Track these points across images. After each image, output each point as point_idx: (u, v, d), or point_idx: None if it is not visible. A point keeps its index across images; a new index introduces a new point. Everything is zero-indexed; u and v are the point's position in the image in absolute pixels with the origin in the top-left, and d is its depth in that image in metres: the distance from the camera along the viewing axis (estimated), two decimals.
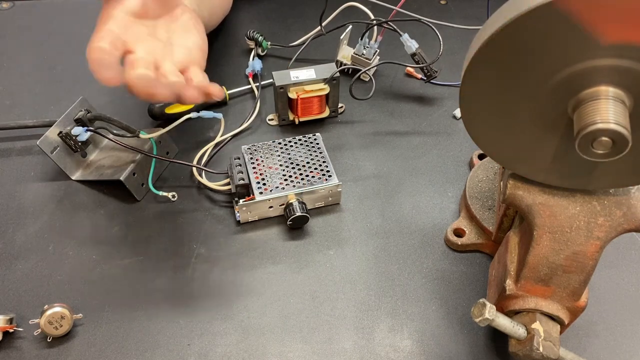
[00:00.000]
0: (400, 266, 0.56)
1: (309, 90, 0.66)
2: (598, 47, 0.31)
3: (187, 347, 0.49)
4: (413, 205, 0.61)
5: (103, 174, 0.61)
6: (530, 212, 0.41)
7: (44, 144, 0.58)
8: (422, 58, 0.70)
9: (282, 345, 0.49)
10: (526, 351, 0.41)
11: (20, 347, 0.49)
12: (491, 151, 0.41)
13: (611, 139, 0.32)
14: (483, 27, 0.34)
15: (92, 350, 0.48)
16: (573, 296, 0.42)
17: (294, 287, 0.54)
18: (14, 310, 0.50)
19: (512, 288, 0.43)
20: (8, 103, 0.73)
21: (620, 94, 0.33)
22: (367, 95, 0.68)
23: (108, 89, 0.74)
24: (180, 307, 0.52)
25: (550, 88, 0.34)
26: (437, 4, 0.93)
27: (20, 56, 0.80)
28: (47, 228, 0.58)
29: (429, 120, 0.72)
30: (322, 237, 0.58)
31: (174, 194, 0.61)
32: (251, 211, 0.58)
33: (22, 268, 0.54)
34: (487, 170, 0.61)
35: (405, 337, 0.50)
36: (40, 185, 0.62)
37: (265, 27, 0.85)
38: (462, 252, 0.57)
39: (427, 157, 0.67)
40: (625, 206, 0.39)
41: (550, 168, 0.39)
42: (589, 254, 0.40)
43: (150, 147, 0.60)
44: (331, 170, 0.60)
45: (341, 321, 0.51)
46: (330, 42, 0.76)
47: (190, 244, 0.57)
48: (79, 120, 0.61)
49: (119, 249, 0.56)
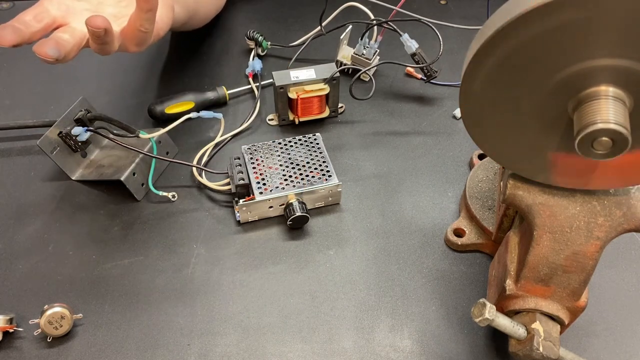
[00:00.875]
0: (400, 266, 0.56)
1: (309, 90, 0.66)
2: (598, 47, 0.31)
3: (187, 347, 0.49)
4: (413, 205, 0.61)
5: (103, 174, 0.61)
6: (530, 212, 0.41)
7: (44, 144, 0.58)
8: (422, 58, 0.70)
9: (282, 345, 0.49)
10: (526, 351, 0.41)
11: (20, 347, 0.49)
12: (491, 151, 0.41)
13: (611, 139, 0.32)
14: (483, 27, 0.34)
15: (92, 350, 0.48)
16: (573, 296, 0.42)
17: (294, 287, 0.54)
18: (14, 310, 0.50)
19: (512, 288, 0.43)
20: (8, 103, 0.73)
21: (620, 94, 0.33)
22: (367, 95, 0.68)
23: (108, 89, 0.75)
24: (180, 307, 0.52)
25: (550, 88, 0.34)
26: (437, 4, 0.93)
27: (20, 56, 0.80)
28: (47, 228, 0.58)
29: (429, 120, 0.72)
30: (322, 237, 0.58)
31: (174, 194, 0.61)
32: (251, 211, 0.58)
33: (22, 268, 0.54)
34: (487, 170, 0.61)
35: (405, 337, 0.50)
36: (40, 185, 0.62)
37: (265, 27, 0.85)
38: (462, 252, 0.57)
39: (427, 157, 0.67)
40: (625, 206, 0.39)
41: (550, 168, 0.39)
42: (589, 254, 0.40)
43: (150, 147, 0.60)
44: (331, 170, 0.60)
45: (341, 321, 0.51)
46: (330, 42, 0.76)
47: (190, 244, 0.57)
48: (79, 120, 0.61)
49: (119, 249, 0.56)
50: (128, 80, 0.77)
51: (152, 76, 0.77)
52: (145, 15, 0.48)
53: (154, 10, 0.48)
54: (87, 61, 0.79)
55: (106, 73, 0.78)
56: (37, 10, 0.50)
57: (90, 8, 0.53)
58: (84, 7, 0.53)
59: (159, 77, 0.77)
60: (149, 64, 0.80)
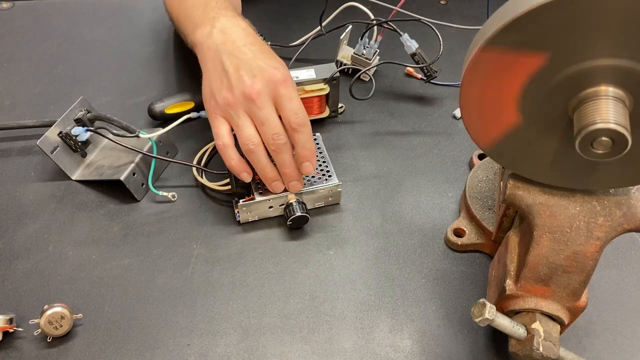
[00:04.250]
0: (400, 266, 0.56)
1: (309, 90, 0.66)
2: (598, 47, 0.31)
3: (187, 347, 0.49)
4: (413, 205, 0.61)
5: (103, 174, 0.61)
6: (530, 212, 0.41)
7: (44, 144, 0.58)
8: (422, 58, 0.70)
9: (282, 345, 0.49)
10: (526, 351, 0.41)
11: (20, 347, 0.49)
12: (491, 151, 0.41)
13: (611, 139, 0.32)
14: (483, 27, 0.34)
15: (92, 350, 0.48)
16: (573, 296, 0.42)
17: (294, 287, 0.54)
18: (14, 310, 0.50)
19: (512, 288, 0.43)
20: (8, 103, 0.73)
21: (620, 94, 0.33)
22: (367, 95, 0.68)
23: (108, 89, 0.75)
24: (180, 307, 0.52)
25: (550, 88, 0.34)
26: (437, 4, 0.93)
27: (20, 56, 0.80)
28: (47, 228, 0.58)
29: (429, 120, 0.72)
30: (322, 237, 0.58)
31: (174, 194, 0.61)
32: (251, 211, 0.58)
33: (22, 268, 0.54)
34: (487, 170, 0.61)
35: (405, 337, 0.50)
36: (40, 185, 0.62)
37: (265, 27, 0.85)
38: (462, 252, 0.57)
39: (427, 157, 0.67)
40: (625, 206, 0.39)
41: (550, 168, 0.39)
42: (589, 254, 0.40)
43: (150, 147, 0.60)
44: (331, 170, 0.60)
45: (341, 321, 0.51)
46: (330, 42, 0.76)
47: (190, 244, 0.57)
48: (79, 120, 0.61)
49: (119, 249, 0.56)
50: (128, 80, 0.77)
51: (152, 76, 0.77)
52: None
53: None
54: (87, 61, 0.79)
55: (106, 73, 0.78)
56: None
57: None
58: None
59: (159, 77, 0.77)
60: (149, 63, 0.80)
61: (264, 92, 0.51)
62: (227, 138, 0.53)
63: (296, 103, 0.52)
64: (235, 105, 0.52)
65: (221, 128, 0.53)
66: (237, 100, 0.51)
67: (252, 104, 0.51)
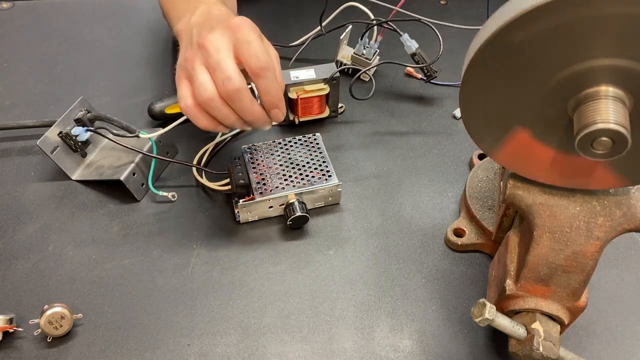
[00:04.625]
0: (400, 266, 0.56)
1: (309, 90, 0.66)
2: (598, 47, 0.31)
3: (187, 347, 0.49)
4: (413, 205, 0.61)
5: (103, 174, 0.61)
6: (530, 212, 0.41)
7: (44, 144, 0.58)
8: (422, 58, 0.70)
9: (282, 345, 0.49)
10: (526, 351, 0.41)
11: (20, 347, 0.49)
12: (491, 151, 0.41)
13: (611, 139, 0.32)
14: (483, 27, 0.34)
15: (92, 350, 0.48)
16: (573, 296, 0.42)
17: (294, 287, 0.54)
18: (14, 310, 0.50)
19: (512, 288, 0.43)
20: (8, 103, 0.73)
21: (620, 94, 0.33)
22: (367, 95, 0.68)
23: (108, 89, 0.75)
24: (180, 307, 0.52)
25: (550, 88, 0.34)
26: (437, 4, 0.93)
27: (20, 56, 0.80)
28: (47, 228, 0.58)
29: (429, 120, 0.72)
30: (322, 237, 0.58)
31: (174, 194, 0.61)
32: (251, 211, 0.58)
33: (22, 268, 0.54)
34: (487, 170, 0.61)
35: (405, 337, 0.50)
36: (40, 185, 0.62)
37: (265, 27, 0.84)
38: (462, 252, 0.57)
39: (427, 157, 0.67)
40: (625, 206, 0.39)
41: (550, 168, 0.39)
42: (588, 254, 0.40)
43: (150, 147, 0.60)
44: (331, 170, 0.60)
45: (341, 321, 0.51)
46: (330, 42, 0.76)
47: (190, 244, 0.57)
48: (79, 120, 0.61)
49: (119, 249, 0.56)
50: (128, 80, 0.77)
51: (152, 76, 0.77)
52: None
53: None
54: (87, 61, 0.79)
55: (106, 73, 0.78)
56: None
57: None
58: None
59: (160, 77, 0.77)
60: (149, 63, 0.80)
61: (217, 38, 0.47)
62: (190, 99, 0.49)
63: (256, 46, 0.48)
64: (191, 59, 0.48)
65: (182, 89, 0.49)
66: (193, 53, 0.48)
67: (204, 52, 0.47)
